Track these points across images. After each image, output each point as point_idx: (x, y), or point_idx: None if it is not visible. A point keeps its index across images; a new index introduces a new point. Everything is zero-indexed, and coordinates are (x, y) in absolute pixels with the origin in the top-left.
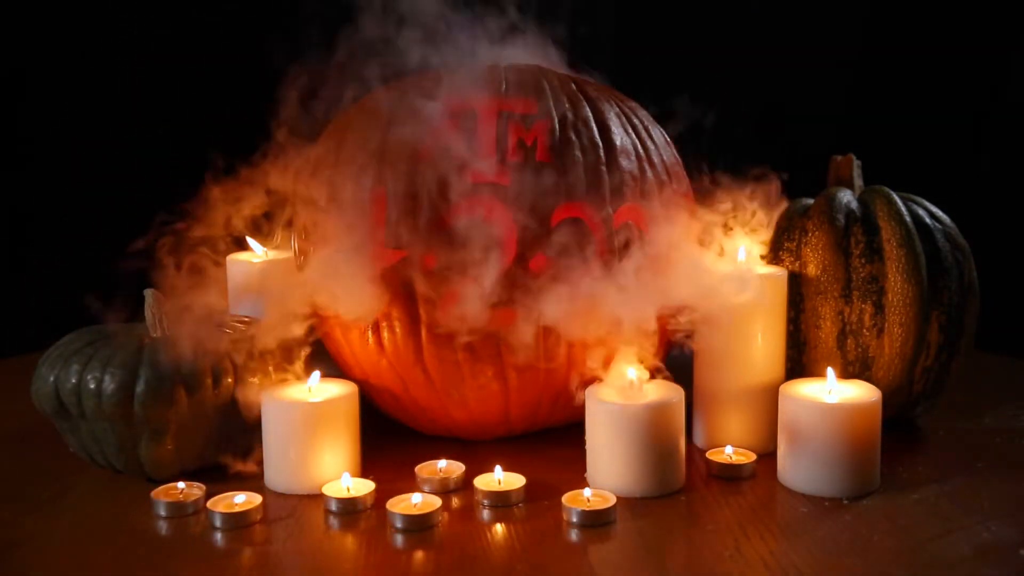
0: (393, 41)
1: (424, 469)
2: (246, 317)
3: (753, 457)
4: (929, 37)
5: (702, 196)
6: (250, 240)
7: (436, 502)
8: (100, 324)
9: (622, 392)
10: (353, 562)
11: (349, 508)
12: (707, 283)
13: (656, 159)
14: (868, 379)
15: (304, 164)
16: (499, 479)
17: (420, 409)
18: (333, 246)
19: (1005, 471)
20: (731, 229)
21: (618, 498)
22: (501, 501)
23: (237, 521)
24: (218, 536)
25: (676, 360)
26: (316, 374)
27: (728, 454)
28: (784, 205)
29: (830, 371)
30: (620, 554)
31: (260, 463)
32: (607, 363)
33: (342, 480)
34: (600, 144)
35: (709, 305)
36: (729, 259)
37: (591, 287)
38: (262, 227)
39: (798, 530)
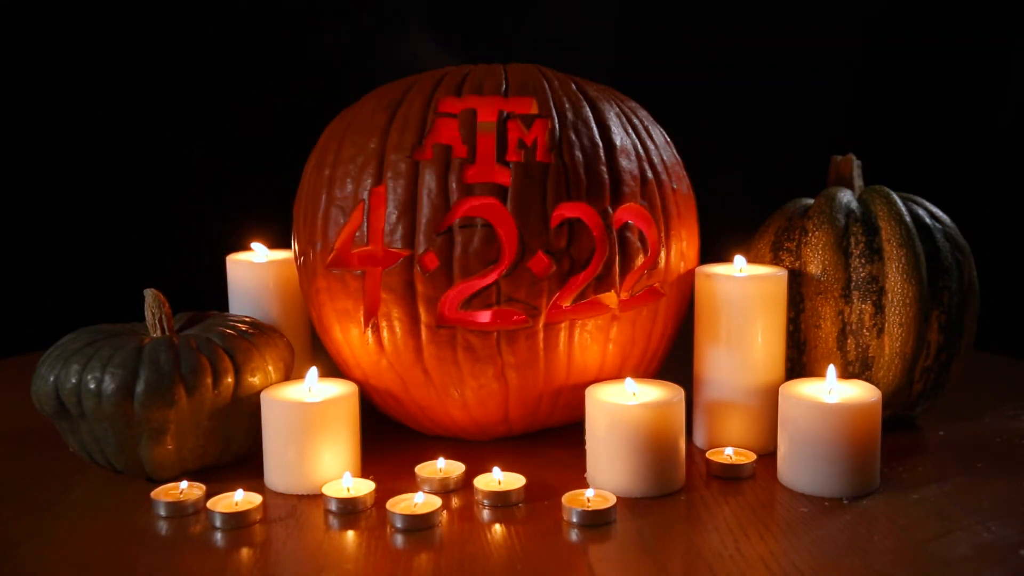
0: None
1: (424, 469)
2: (247, 317)
3: (753, 457)
4: (930, 37)
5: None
6: (254, 244)
7: (436, 502)
8: (100, 324)
9: (622, 392)
10: (353, 562)
11: (349, 508)
12: None
13: (656, 159)
14: (868, 379)
15: (305, 163)
16: (499, 479)
17: (420, 409)
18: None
19: (1005, 471)
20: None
21: (618, 498)
22: (501, 501)
23: (237, 521)
24: (218, 536)
25: (676, 360)
26: (313, 370)
27: (728, 454)
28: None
29: (831, 368)
30: (620, 554)
31: (260, 463)
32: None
33: (342, 480)
34: (600, 144)
35: None
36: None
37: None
38: None
39: (798, 530)
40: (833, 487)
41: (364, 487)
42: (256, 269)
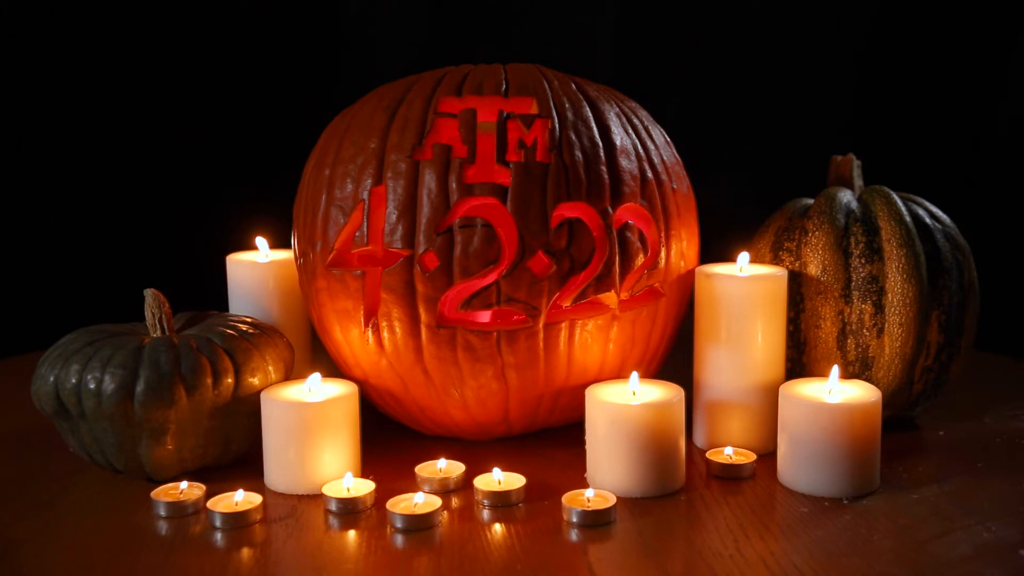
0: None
1: (424, 469)
2: (247, 317)
3: (753, 457)
4: (931, 37)
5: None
6: (258, 240)
7: (436, 502)
8: (100, 324)
9: (622, 392)
10: (353, 562)
11: (349, 508)
12: None
13: (656, 159)
14: (868, 379)
15: (305, 163)
16: (499, 479)
17: (420, 409)
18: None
19: (1005, 471)
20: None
21: (618, 498)
22: (501, 501)
23: (237, 521)
24: (218, 536)
25: (676, 360)
26: (316, 375)
27: (728, 454)
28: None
29: (835, 369)
30: (620, 554)
31: (260, 463)
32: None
33: (342, 480)
34: (600, 144)
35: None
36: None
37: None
38: None
39: (798, 530)
40: (833, 487)
41: (364, 487)
42: (256, 269)
